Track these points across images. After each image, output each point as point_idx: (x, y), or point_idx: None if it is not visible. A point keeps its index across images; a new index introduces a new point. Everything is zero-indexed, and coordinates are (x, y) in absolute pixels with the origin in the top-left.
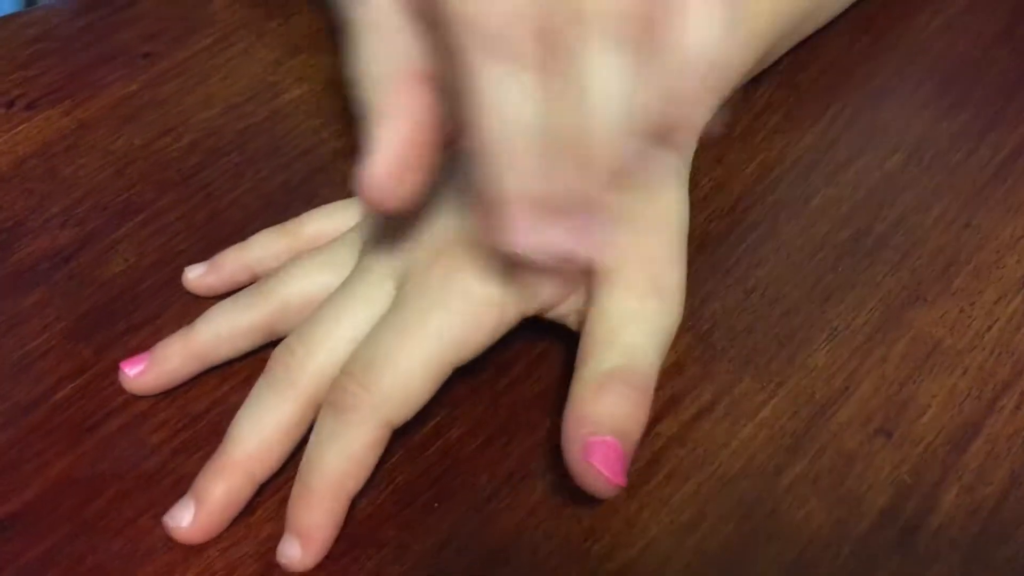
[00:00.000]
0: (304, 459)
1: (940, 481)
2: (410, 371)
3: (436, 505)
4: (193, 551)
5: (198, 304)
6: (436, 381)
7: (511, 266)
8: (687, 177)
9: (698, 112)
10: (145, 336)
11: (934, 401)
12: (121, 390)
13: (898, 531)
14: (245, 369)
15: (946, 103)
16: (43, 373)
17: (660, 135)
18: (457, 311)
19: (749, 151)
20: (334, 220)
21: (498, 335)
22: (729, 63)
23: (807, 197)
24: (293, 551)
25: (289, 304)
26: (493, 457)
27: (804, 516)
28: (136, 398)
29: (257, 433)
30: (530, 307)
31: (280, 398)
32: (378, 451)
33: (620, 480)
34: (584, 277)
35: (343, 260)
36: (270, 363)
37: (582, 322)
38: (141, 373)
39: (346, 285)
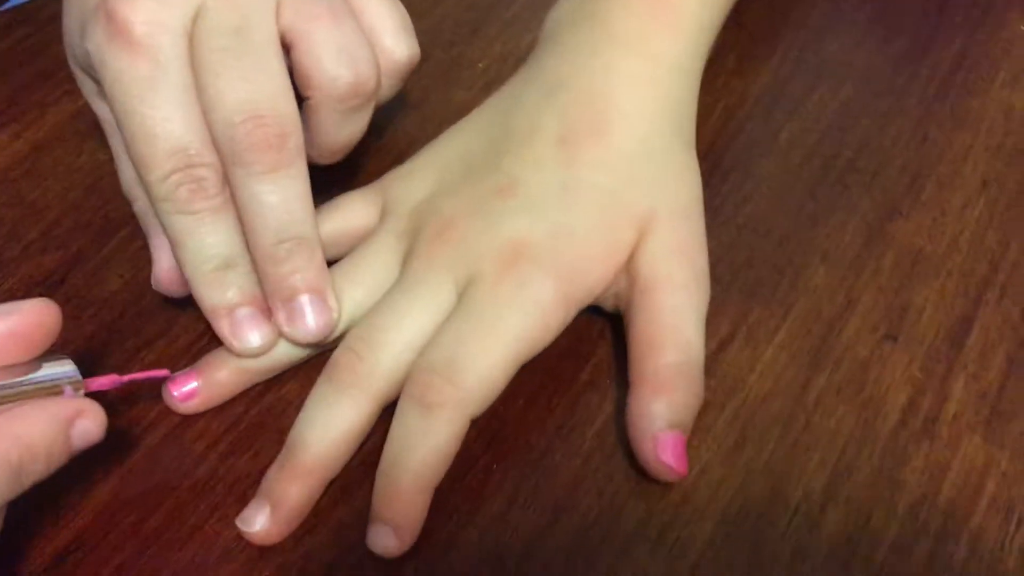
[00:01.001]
0: (389, 455)
1: (947, 373)
2: (492, 369)
3: (495, 467)
4: (268, 547)
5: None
6: (510, 376)
7: (572, 270)
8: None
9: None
10: (161, 349)
11: (928, 303)
12: (151, 405)
13: (921, 422)
14: None
15: (881, 32)
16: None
17: None
18: (531, 315)
19: (713, 96)
20: (347, 217)
21: (561, 330)
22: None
23: (774, 133)
24: (388, 540)
25: (343, 331)
26: (538, 415)
27: (836, 423)
28: (168, 411)
29: (328, 437)
30: (585, 302)
31: (350, 402)
32: (460, 443)
33: (684, 471)
34: (624, 269)
35: (386, 269)
36: (333, 367)
37: (619, 304)
38: (190, 396)
39: (406, 290)
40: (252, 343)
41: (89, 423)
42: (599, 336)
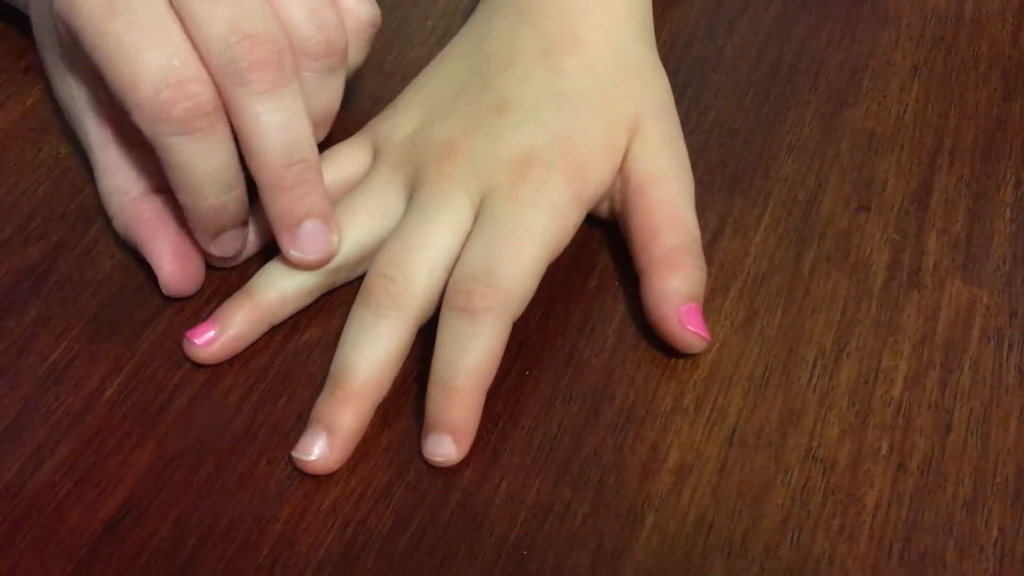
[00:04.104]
0: (441, 361)
1: (920, 231)
2: (526, 270)
3: (527, 372)
4: (324, 478)
5: (213, 274)
6: (540, 277)
7: (579, 171)
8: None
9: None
10: (171, 317)
11: (889, 175)
12: (175, 369)
13: (906, 276)
14: (290, 318)
15: None
16: (81, 377)
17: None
18: (552, 216)
19: (656, 24)
20: (340, 166)
21: (575, 230)
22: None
23: (719, 49)
24: (448, 448)
25: (350, 260)
26: (558, 322)
27: (832, 288)
28: (192, 372)
29: (374, 360)
30: (593, 201)
31: (391, 324)
32: (505, 346)
33: (709, 337)
34: (619, 170)
35: (390, 200)
36: (368, 292)
37: (612, 207)
38: (210, 342)
39: (425, 211)
40: (228, 253)
41: None
42: (599, 246)
